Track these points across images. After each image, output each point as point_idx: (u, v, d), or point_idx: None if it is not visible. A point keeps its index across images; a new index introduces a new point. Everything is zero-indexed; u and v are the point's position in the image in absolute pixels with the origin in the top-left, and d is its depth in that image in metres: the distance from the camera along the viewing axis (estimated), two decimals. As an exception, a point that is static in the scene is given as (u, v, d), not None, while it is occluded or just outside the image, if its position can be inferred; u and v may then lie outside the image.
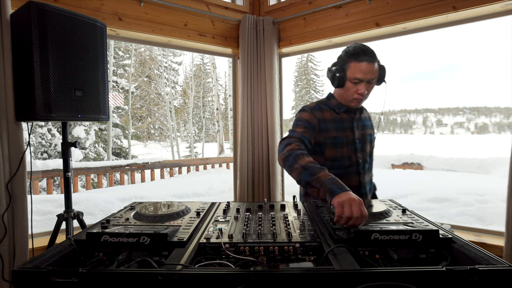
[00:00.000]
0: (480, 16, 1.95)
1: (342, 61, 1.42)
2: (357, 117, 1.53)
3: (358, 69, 1.36)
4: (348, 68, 1.39)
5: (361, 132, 1.53)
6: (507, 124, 43.56)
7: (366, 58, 1.35)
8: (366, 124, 1.58)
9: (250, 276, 0.67)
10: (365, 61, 1.35)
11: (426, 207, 4.07)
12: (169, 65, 17.71)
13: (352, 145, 1.49)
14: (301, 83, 25.39)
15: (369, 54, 1.36)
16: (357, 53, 1.36)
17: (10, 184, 1.57)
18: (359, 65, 1.36)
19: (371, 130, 1.61)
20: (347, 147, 1.48)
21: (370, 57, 1.36)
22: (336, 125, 1.48)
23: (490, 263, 0.75)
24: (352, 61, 1.38)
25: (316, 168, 1.13)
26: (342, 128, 1.48)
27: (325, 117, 1.47)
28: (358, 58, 1.36)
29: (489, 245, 1.91)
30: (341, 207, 0.95)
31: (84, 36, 1.58)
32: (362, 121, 1.55)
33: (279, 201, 1.41)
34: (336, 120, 1.48)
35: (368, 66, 1.35)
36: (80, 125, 9.65)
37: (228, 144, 15.36)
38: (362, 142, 1.53)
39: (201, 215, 1.14)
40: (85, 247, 0.89)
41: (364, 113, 1.59)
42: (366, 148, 1.55)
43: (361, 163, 1.50)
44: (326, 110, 1.50)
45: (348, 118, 1.51)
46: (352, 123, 1.51)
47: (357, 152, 1.50)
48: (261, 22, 2.66)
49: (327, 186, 1.05)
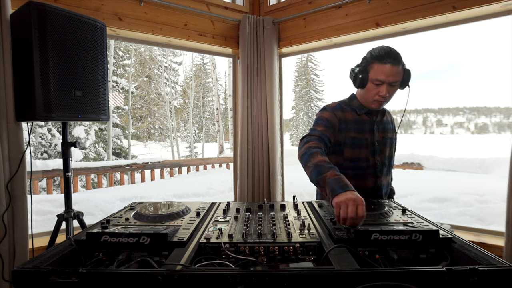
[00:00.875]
0: (480, 16, 1.95)
1: (366, 62, 1.41)
2: (378, 119, 1.51)
3: (381, 70, 1.35)
4: (371, 69, 1.38)
5: (381, 135, 1.52)
6: (507, 124, 43.56)
7: (390, 61, 1.34)
8: (387, 127, 1.56)
9: (250, 276, 0.67)
10: (389, 63, 1.34)
11: (426, 207, 4.07)
12: (169, 65, 17.70)
13: (371, 147, 1.48)
14: (301, 83, 25.37)
15: (393, 56, 1.35)
16: (382, 55, 1.35)
17: (10, 184, 1.57)
18: (382, 67, 1.35)
19: (392, 134, 1.59)
20: (365, 149, 1.47)
21: (394, 60, 1.34)
22: (356, 126, 1.47)
23: (490, 263, 0.75)
24: (376, 63, 1.37)
25: (325, 167, 1.13)
26: (362, 130, 1.48)
27: (346, 117, 1.47)
28: (382, 60, 1.35)
29: (489, 245, 1.91)
30: (339, 207, 0.96)
31: (84, 36, 1.58)
32: (383, 124, 1.54)
33: (279, 201, 1.41)
34: (356, 121, 1.48)
35: (391, 69, 1.34)
36: (80, 125, 9.64)
37: (228, 144, 15.35)
38: (382, 145, 1.51)
39: (201, 215, 1.14)
40: (85, 247, 0.89)
41: (386, 116, 1.58)
42: (386, 151, 1.53)
43: (378, 166, 1.49)
44: (347, 110, 1.49)
45: (369, 120, 1.50)
46: (373, 125, 1.49)
47: (375, 155, 1.49)
48: (261, 22, 2.66)
49: (331, 186, 1.05)
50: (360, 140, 1.47)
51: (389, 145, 1.56)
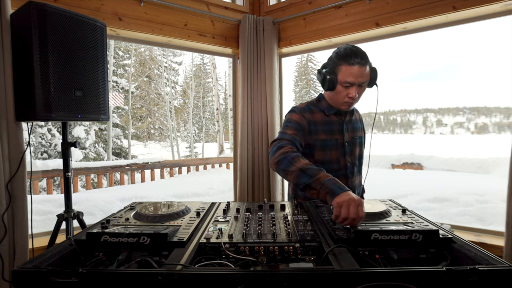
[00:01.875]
0: (480, 16, 1.95)
1: (332, 63, 1.37)
2: (347, 119, 1.50)
3: (349, 72, 1.31)
4: (339, 71, 1.34)
5: (351, 135, 1.51)
6: (507, 124, 43.54)
7: (357, 61, 1.30)
8: (356, 127, 1.55)
9: (250, 276, 0.67)
10: (356, 64, 1.30)
11: (426, 207, 4.07)
12: (169, 65, 17.70)
13: (341, 148, 1.47)
14: (301, 83, 25.38)
15: (360, 56, 1.31)
16: (348, 55, 1.31)
17: (10, 184, 1.57)
18: (350, 69, 1.31)
19: (361, 132, 1.58)
20: (336, 150, 1.46)
21: (361, 60, 1.30)
22: (326, 128, 1.45)
23: (490, 263, 0.75)
24: (343, 64, 1.32)
25: (314, 170, 1.13)
26: (332, 131, 1.46)
27: (315, 119, 1.45)
28: (349, 61, 1.31)
29: (489, 245, 1.91)
30: (340, 208, 0.96)
31: (84, 36, 1.58)
32: (352, 124, 1.52)
33: (279, 201, 1.41)
34: (325, 123, 1.46)
35: (359, 70, 1.31)
36: (80, 125, 9.64)
37: (228, 144, 15.35)
38: (352, 145, 1.50)
39: (201, 215, 1.14)
40: (85, 247, 0.89)
41: (355, 115, 1.56)
42: (355, 151, 1.52)
43: (349, 167, 1.48)
44: (316, 111, 1.47)
45: (338, 120, 1.48)
46: (342, 126, 1.48)
47: (346, 156, 1.47)
48: (261, 22, 2.66)
49: (328, 187, 1.05)
50: (330, 142, 1.45)
51: (359, 144, 1.54)
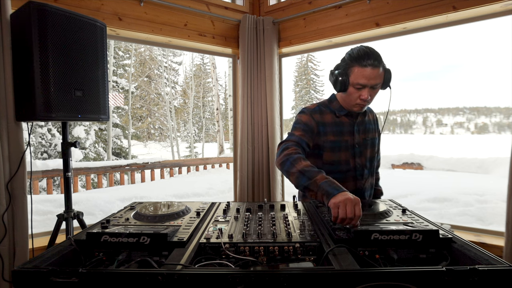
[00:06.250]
0: (480, 16, 1.95)
1: (345, 64, 1.35)
2: (359, 120, 1.47)
3: (362, 74, 1.29)
4: (351, 72, 1.32)
5: (362, 136, 1.48)
6: (507, 124, 43.53)
7: (370, 63, 1.27)
8: (369, 128, 1.51)
9: (250, 276, 0.67)
10: (369, 66, 1.27)
11: (426, 207, 4.07)
12: (169, 65, 17.70)
13: (351, 150, 1.45)
14: (301, 83, 25.38)
15: (373, 57, 1.28)
16: (361, 56, 1.29)
17: (10, 184, 1.57)
18: (362, 70, 1.28)
19: (374, 134, 1.54)
20: (345, 152, 1.44)
21: (374, 61, 1.28)
22: (336, 129, 1.43)
23: (490, 263, 0.75)
24: (356, 66, 1.30)
25: (313, 172, 1.13)
26: (342, 132, 1.44)
27: (325, 120, 1.43)
28: (362, 62, 1.28)
29: (489, 245, 1.91)
30: (337, 208, 0.96)
31: (84, 36, 1.58)
32: (364, 125, 1.49)
33: (279, 201, 1.41)
34: (335, 124, 1.44)
35: (372, 71, 1.28)
36: (80, 125, 9.64)
37: (228, 144, 15.35)
38: (362, 146, 1.48)
39: (201, 215, 1.14)
40: (85, 247, 0.89)
41: (368, 116, 1.53)
42: (366, 153, 1.49)
43: (358, 168, 1.46)
44: (326, 112, 1.45)
45: (349, 122, 1.45)
46: (353, 127, 1.45)
47: (355, 157, 1.46)
48: (261, 22, 2.66)
49: (324, 189, 1.05)
50: (340, 143, 1.43)
51: (370, 146, 1.51)
